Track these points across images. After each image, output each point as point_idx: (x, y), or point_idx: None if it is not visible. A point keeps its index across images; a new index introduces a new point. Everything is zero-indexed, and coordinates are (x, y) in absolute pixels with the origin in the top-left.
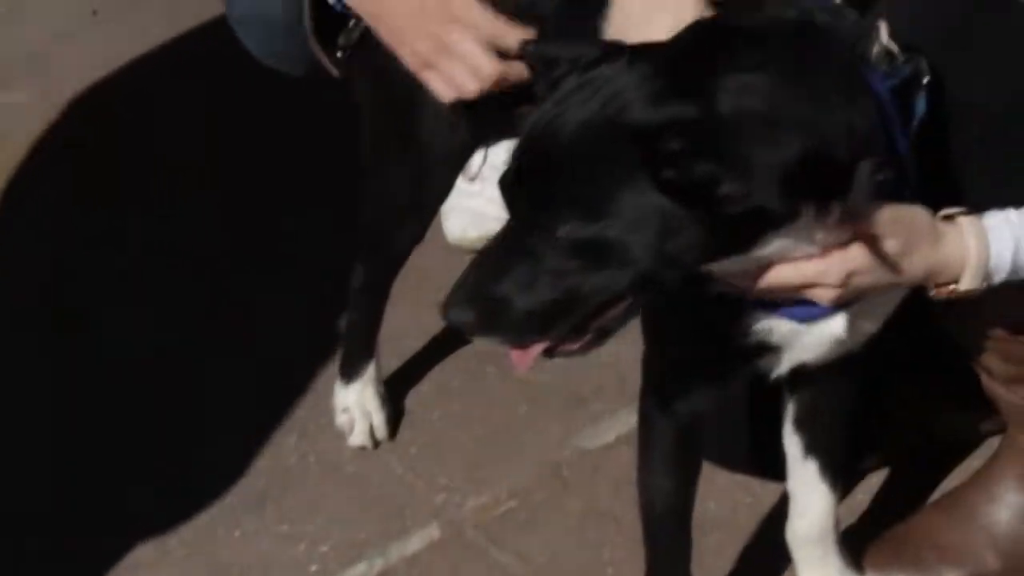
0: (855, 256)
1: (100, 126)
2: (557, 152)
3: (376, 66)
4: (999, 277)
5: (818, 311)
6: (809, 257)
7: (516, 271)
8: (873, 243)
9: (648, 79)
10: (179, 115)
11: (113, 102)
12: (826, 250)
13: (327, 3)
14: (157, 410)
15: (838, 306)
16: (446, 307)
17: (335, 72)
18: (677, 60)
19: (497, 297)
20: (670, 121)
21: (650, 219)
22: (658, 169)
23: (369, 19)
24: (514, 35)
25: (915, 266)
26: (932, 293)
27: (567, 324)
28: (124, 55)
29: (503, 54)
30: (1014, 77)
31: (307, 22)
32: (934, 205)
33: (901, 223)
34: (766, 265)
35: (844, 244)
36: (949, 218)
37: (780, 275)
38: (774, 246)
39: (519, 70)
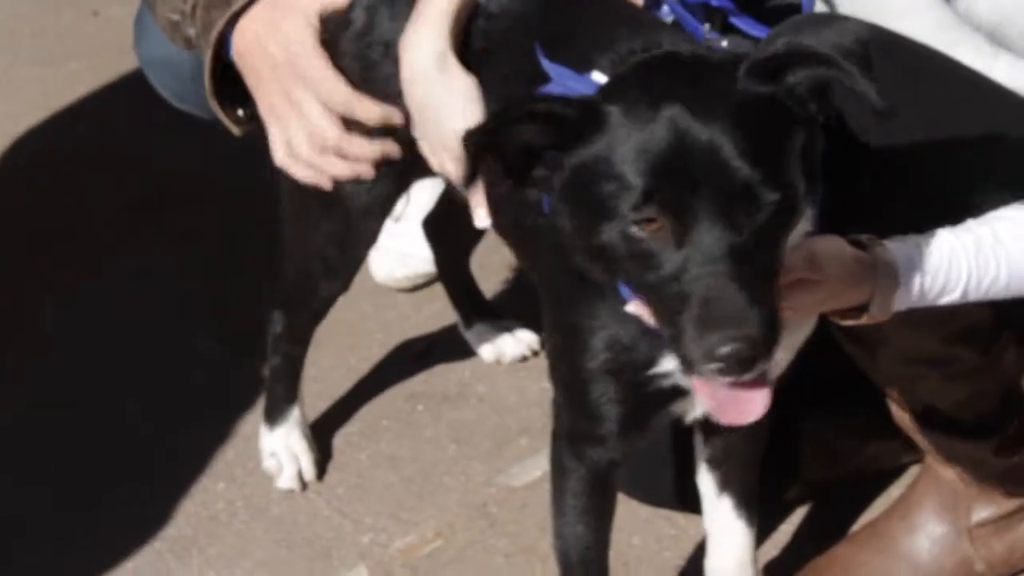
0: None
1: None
2: (722, 150)
3: None
4: (904, 305)
5: None
6: None
7: (752, 278)
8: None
9: (698, 68)
10: (112, 159)
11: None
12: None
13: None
14: (84, 458)
15: None
16: (737, 339)
17: (236, 131)
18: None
19: (764, 309)
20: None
21: (799, 135)
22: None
23: (242, 68)
24: (362, 106)
25: (837, 290)
26: (840, 320)
27: None
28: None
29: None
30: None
31: (206, 82)
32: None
33: (830, 244)
34: None
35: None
36: (856, 243)
37: None
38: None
39: (359, 146)
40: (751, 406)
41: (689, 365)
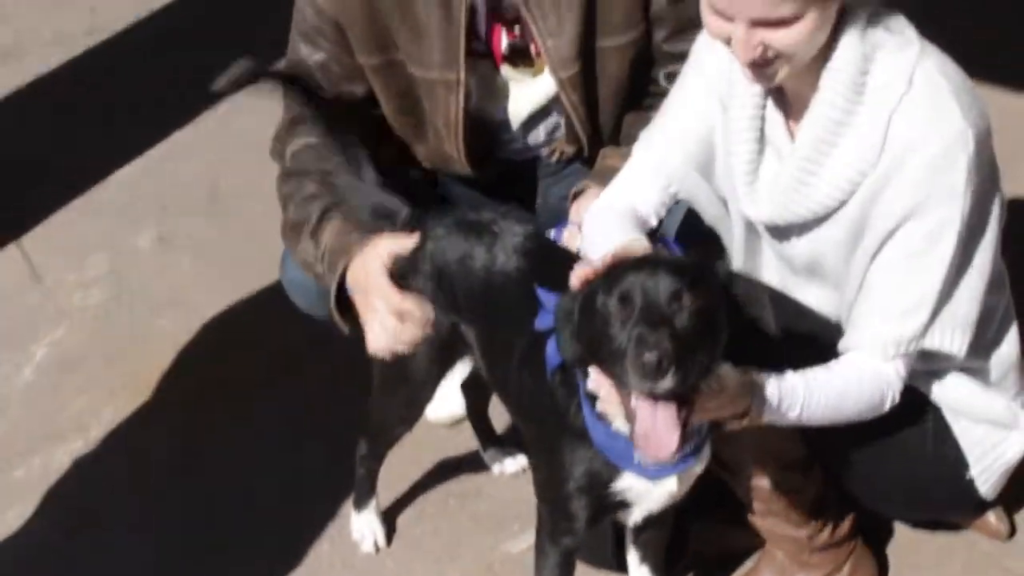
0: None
1: None
2: (660, 288)
3: None
4: (768, 416)
5: (664, 470)
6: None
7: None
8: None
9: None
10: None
11: None
12: None
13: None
14: (219, 529)
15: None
16: (652, 349)
17: (345, 330)
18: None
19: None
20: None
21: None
22: None
23: (351, 291)
24: (410, 303)
25: (730, 399)
26: (729, 423)
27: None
28: None
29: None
30: None
31: (331, 302)
32: None
33: (730, 369)
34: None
35: None
36: (745, 371)
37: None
38: None
39: (412, 331)
40: (666, 439)
41: (625, 382)
